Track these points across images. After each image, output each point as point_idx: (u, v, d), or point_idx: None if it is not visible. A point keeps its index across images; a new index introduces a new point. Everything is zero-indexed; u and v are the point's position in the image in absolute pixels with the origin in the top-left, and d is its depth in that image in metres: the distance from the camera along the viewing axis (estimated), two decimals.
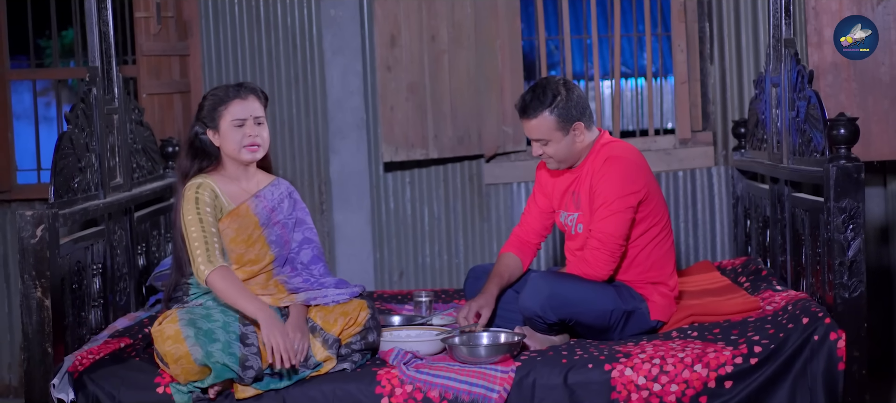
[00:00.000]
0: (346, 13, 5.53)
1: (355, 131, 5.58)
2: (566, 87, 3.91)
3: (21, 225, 3.62)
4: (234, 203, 3.76)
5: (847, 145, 3.70)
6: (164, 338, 3.51)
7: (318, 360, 3.59)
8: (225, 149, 3.76)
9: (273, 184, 3.87)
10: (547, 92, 3.89)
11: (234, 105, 3.74)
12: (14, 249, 5.45)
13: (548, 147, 3.93)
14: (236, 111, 3.74)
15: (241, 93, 3.76)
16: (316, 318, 3.66)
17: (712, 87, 5.65)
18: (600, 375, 3.54)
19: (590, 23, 5.72)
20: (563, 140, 3.92)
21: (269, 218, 3.80)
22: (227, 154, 3.77)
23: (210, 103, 3.77)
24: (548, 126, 3.90)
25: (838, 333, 3.57)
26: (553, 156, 3.96)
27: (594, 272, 3.86)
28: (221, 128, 3.74)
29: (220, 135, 3.75)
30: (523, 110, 3.92)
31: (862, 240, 3.62)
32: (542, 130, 3.91)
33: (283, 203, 3.87)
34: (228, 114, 3.74)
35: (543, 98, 3.89)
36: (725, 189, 5.60)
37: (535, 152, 3.98)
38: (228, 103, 3.74)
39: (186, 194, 3.69)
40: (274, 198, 3.84)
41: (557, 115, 3.88)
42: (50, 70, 6.99)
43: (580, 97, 3.92)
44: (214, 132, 3.75)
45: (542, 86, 3.91)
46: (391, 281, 5.63)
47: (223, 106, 3.74)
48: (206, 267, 3.58)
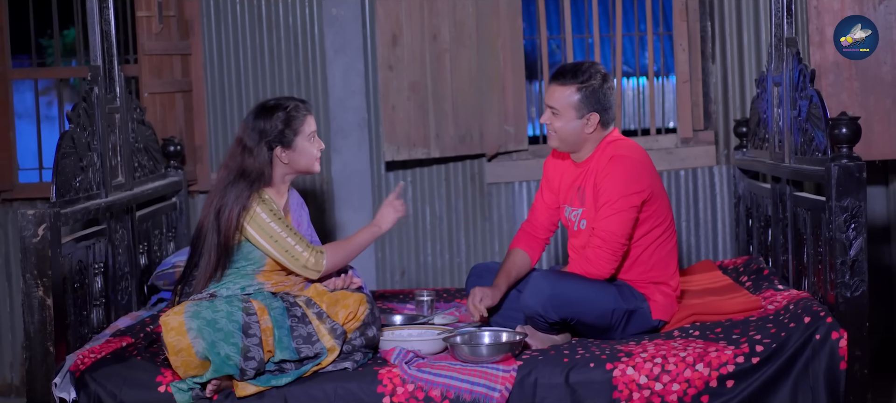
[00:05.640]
0: (347, 12, 5.53)
1: (357, 130, 5.58)
2: (603, 78, 3.93)
3: (23, 224, 3.62)
4: None
5: (849, 144, 3.69)
6: (169, 329, 3.54)
7: (325, 346, 3.62)
8: (297, 164, 3.86)
9: (291, 193, 4.01)
10: (586, 71, 3.92)
11: (309, 120, 3.87)
12: (16, 248, 5.46)
13: (556, 119, 3.94)
14: (310, 124, 3.88)
15: (309, 108, 3.91)
16: (322, 305, 3.69)
17: (714, 86, 5.65)
18: (602, 374, 3.54)
19: (591, 22, 5.72)
20: (574, 121, 3.92)
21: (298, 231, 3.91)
22: (298, 168, 3.88)
23: (282, 122, 3.82)
24: (568, 100, 3.91)
25: (840, 332, 3.57)
26: (557, 132, 3.96)
27: (596, 271, 3.86)
28: (298, 144, 3.83)
29: (293, 151, 3.83)
30: (558, 74, 3.95)
31: (864, 240, 3.62)
32: (562, 101, 3.91)
33: (302, 214, 4.01)
34: (306, 128, 3.85)
35: (580, 73, 3.91)
36: (727, 188, 5.60)
37: (542, 119, 3.99)
38: (305, 119, 3.86)
39: (258, 204, 3.76)
40: (296, 208, 3.98)
41: (582, 95, 3.89)
42: (52, 69, 6.99)
43: (610, 93, 3.93)
44: (285, 149, 3.82)
45: (585, 64, 3.96)
46: (393, 280, 5.63)
47: (299, 122, 3.84)
48: (315, 255, 3.78)
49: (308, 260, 3.78)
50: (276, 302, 3.68)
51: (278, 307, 3.65)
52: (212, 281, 3.77)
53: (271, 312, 3.62)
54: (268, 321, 3.60)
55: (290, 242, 3.77)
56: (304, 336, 3.60)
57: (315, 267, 3.80)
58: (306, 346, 3.59)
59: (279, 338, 3.58)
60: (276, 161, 3.84)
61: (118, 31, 4.66)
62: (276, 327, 3.59)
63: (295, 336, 3.59)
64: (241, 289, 3.76)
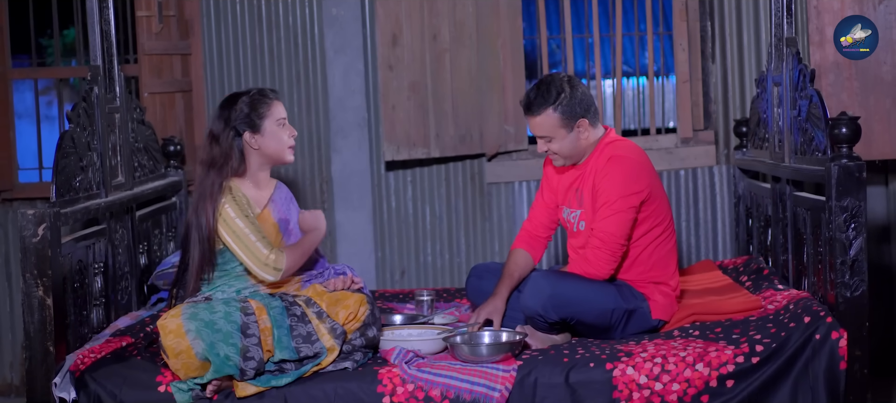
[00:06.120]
0: (347, 12, 5.53)
1: (357, 130, 5.58)
2: (570, 84, 3.91)
3: (23, 224, 3.62)
4: (259, 208, 3.82)
5: (849, 144, 3.69)
6: (167, 332, 3.53)
7: (325, 345, 3.61)
8: (267, 149, 3.81)
9: (278, 187, 3.96)
10: (551, 89, 3.89)
11: (276, 105, 3.83)
12: (16, 248, 5.46)
13: (552, 144, 3.93)
14: (279, 111, 3.83)
15: (277, 95, 3.87)
16: (322, 304, 3.67)
17: (714, 86, 5.65)
18: (602, 374, 3.54)
19: (591, 22, 5.72)
20: (568, 137, 3.91)
21: (286, 227, 3.89)
22: (269, 155, 3.83)
23: (247, 105, 3.79)
24: (552, 123, 3.90)
25: (840, 332, 3.57)
26: (558, 153, 3.96)
27: (595, 271, 3.86)
28: (266, 129, 3.79)
29: (262, 137, 3.78)
30: (528, 107, 3.93)
31: (863, 239, 3.62)
32: (547, 127, 3.91)
33: (290, 208, 3.96)
34: (273, 114, 3.80)
35: (548, 95, 3.89)
36: (727, 188, 5.59)
37: (539, 149, 3.98)
38: (271, 103, 3.82)
39: (226, 198, 3.73)
40: (283, 203, 3.93)
41: (561, 112, 3.88)
42: (51, 69, 6.98)
43: (584, 94, 3.92)
44: (253, 134, 3.77)
45: (546, 82, 3.92)
46: (393, 280, 5.63)
47: (266, 107, 3.80)
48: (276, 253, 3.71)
49: (269, 258, 3.71)
50: (275, 301, 3.67)
51: (277, 306, 3.65)
52: (202, 281, 3.76)
53: (270, 312, 3.62)
54: (266, 320, 3.59)
55: (252, 239, 3.71)
56: (303, 335, 3.59)
57: (275, 266, 3.71)
58: (306, 346, 3.58)
59: (278, 338, 3.57)
60: (248, 148, 3.81)
61: (118, 30, 4.66)
62: (275, 326, 3.59)
63: (294, 336, 3.58)
64: (236, 292, 3.76)
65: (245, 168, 3.82)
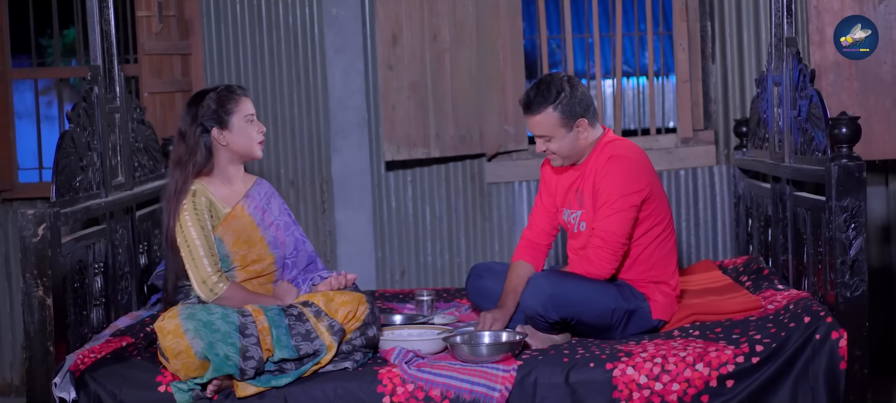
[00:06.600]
0: (347, 12, 5.53)
1: (357, 130, 5.58)
2: (570, 84, 3.91)
3: (23, 223, 3.62)
4: (229, 206, 3.80)
5: (849, 144, 3.69)
6: (165, 333, 3.52)
7: (324, 343, 3.60)
8: (236, 146, 3.79)
9: (257, 184, 3.94)
10: (551, 88, 3.89)
11: (244, 101, 3.80)
12: (16, 248, 5.46)
13: (551, 143, 3.93)
14: (247, 107, 3.80)
15: (245, 92, 3.83)
16: (319, 303, 3.67)
17: (714, 86, 5.65)
18: (602, 374, 3.54)
19: (591, 22, 5.72)
20: (567, 137, 3.91)
21: (263, 220, 3.85)
22: (238, 151, 3.80)
23: (215, 101, 3.77)
24: (551, 122, 3.89)
25: (840, 332, 3.57)
26: (557, 153, 3.95)
27: (596, 271, 3.86)
28: (234, 125, 3.77)
29: (230, 133, 3.76)
30: (527, 106, 3.92)
31: (863, 239, 3.62)
32: (546, 127, 3.90)
33: (271, 203, 3.93)
34: (241, 110, 3.78)
35: (547, 94, 3.88)
36: (727, 188, 5.59)
37: (538, 149, 3.98)
38: (239, 99, 3.79)
39: (187, 201, 3.72)
40: (262, 198, 3.90)
41: (561, 112, 3.88)
42: (51, 69, 6.98)
43: (584, 94, 3.92)
44: (222, 130, 3.76)
45: (545, 82, 3.91)
46: (393, 280, 5.63)
47: (233, 102, 3.78)
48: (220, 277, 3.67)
49: (210, 278, 3.67)
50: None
51: (274, 308, 3.64)
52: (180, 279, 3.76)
53: (267, 312, 3.61)
54: (264, 321, 3.59)
55: (199, 252, 3.69)
56: (302, 333, 3.59)
57: (213, 289, 3.68)
58: (305, 343, 3.58)
59: (278, 337, 3.57)
60: (216, 144, 3.79)
61: (118, 30, 4.66)
62: (274, 326, 3.58)
63: (293, 334, 3.58)
64: None
65: (213, 165, 3.81)
